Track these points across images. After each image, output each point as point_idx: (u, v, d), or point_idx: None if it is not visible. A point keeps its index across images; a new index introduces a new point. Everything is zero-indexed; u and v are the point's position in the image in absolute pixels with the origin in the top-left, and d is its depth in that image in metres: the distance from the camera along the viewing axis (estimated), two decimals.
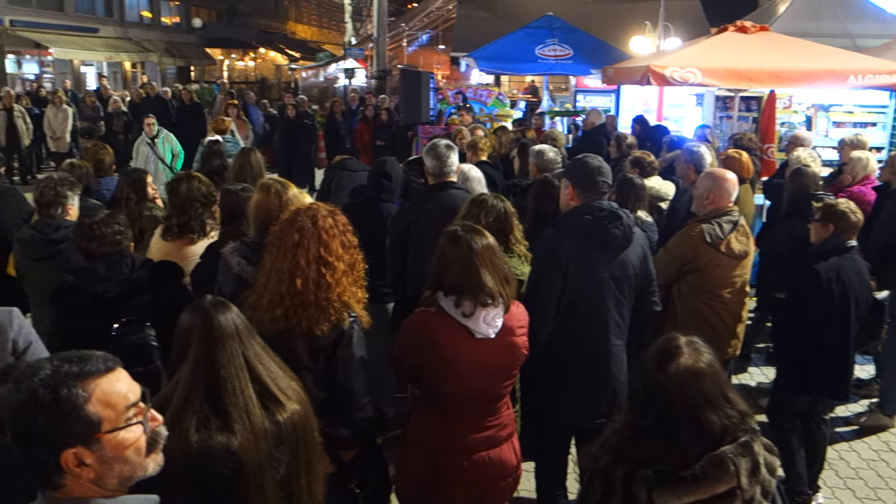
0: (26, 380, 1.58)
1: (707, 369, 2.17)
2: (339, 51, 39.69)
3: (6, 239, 5.16)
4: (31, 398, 1.56)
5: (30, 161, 16.10)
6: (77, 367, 1.62)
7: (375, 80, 22.07)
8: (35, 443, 1.57)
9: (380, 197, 5.32)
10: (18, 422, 1.57)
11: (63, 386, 1.58)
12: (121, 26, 34.40)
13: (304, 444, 2.38)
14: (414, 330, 3.12)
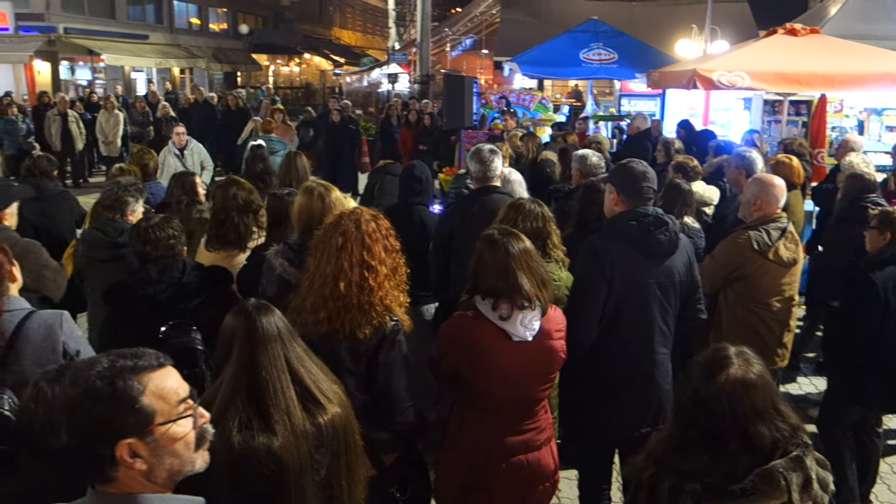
0: (83, 374, 1.64)
1: (758, 381, 2.11)
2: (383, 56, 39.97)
3: (60, 239, 5.30)
4: (89, 390, 1.62)
5: (82, 165, 16.50)
6: (131, 361, 1.68)
7: (418, 85, 22.17)
8: (92, 434, 1.62)
9: (411, 200, 5.34)
10: (76, 414, 1.62)
11: (119, 378, 1.64)
12: (170, 33, 35.11)
13: (344, 447, 2.39)
14: (452, 333, 3.14)
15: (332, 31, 54.25)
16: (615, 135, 12.91)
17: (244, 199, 4.58)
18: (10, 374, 2.86)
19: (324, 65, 48.25)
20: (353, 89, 32.96)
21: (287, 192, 4.50)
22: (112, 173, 5.85)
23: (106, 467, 1.65)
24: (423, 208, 5.39)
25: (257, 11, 44.70)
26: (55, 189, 5.81)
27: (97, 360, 1.68)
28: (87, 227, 4.55)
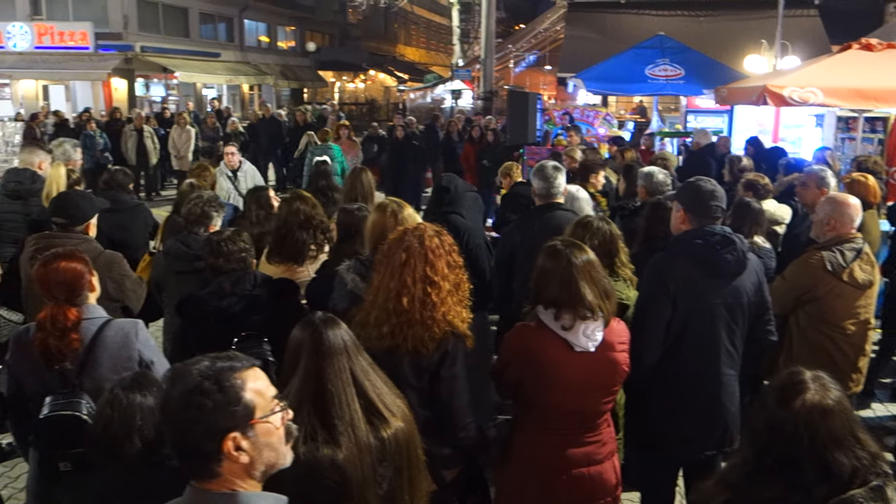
0: (183, 376, 1.73)
1: (835, 406, 2.03)
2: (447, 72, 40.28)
3: (135, 251, 5.48)
4: (196, 388, 1.71)
5: (155, 179, 17.03)
6: (227, 362, 1.78)
7: (482, 101, 22.25)
8: (201, 430, 1.70)
9: (441, 209, 5.36)
10: (186, 412, 1.70)
11: (223, 376, 1.74)
12: (240, 51, 36.09)
13: (407, 461, 2.41)
14: (514, 344, 3.15)
15: (396, 48, 54.94)
16: (681, 151, 12.72)
17: (306, 214, 4.64)
18: (88, 380, 2.98)
19: (388, 81, 48.88)
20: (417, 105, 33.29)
21: (357, 206, 4.56)
22: (183, 189, 6.02)
23: (212, 462, 1.73)
24: (456, 217, 5.39)
25: (324, 29, 45.62)
26: (131, 202, 6.00)
27: (194, 362, 1.77)
28: (171, 240, 4.66)
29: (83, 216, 4.48)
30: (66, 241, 4.28)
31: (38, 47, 27.05)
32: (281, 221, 4.68)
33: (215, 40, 34.61)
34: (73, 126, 17.69)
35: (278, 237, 4.62)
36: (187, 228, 4.55)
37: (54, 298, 2.98)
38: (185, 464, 1.76)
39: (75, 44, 26.97)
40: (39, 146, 6.42)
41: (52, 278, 2.99)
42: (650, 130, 14.07)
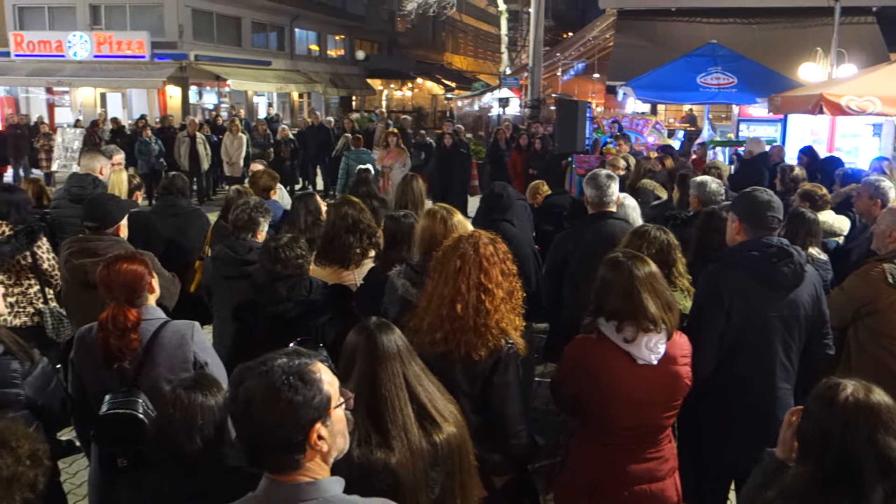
0: (263, 375, 1.77)
1: (881, 402, 2.00)
2: (494, 81, 40.30)
3: (191, 254, 5.60)
4: (284, 384, 1.76)
5: (207, 184, 17.38)
6: (299, 358, 1.84)
7: (529, 109, 22.21)
8: (291, 424, 1.76)
9: (493, 217, 5.36)
10: (272, 410, 1.75)
11: (304, 370, 1.80)
12: (290, 59, 36.63)
13: (459, 466, 2.42)
14: (574, 356, 3.13)
15: (444, 57, 55.17)
16: (732, 161, 12.53)
17: (354, 218, 4.70)
18: (145, 379, 3.06)
19: (435, 89, 49.08)
20: (464, 113, 33.41)
21: (403, 213, 4.60)
22: (230, 195, 6.14)
23: (298, 454, 1.79)
24: (507, 225, 5.38)
25: (373, 38, 46.05)
26: (189, 206, 6.14)
27: (266, 360, 1.81)
28: (219, 245, 4.75)
29: (113, 219, 4.60)
30: (98, 244, 4.42)
31: (96, 56, 27.82)
32: (329, 225, 4.75)
33: (266, 49, 35.19)
34: (130, 132, 18.15)
35: (326, 240, 4.69)
36: (234, 234, 4.62)
37: (115, 299, 3.07)
38: (271, 459, 1.81)
39: (132, 52, 27.66)
40: (101, 152, 6.60)
41: (113, 280, 3.09)
42: (701, 140, 13.88)
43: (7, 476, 1.74)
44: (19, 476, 1.77)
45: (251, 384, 1.77)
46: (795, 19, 19.31)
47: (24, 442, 1.84)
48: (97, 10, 29.27)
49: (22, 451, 1.81)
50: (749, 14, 20.28)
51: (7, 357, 3.01)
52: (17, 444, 1.81)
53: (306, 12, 36.82)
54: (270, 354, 1.83)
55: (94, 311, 4.15)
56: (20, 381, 3.02)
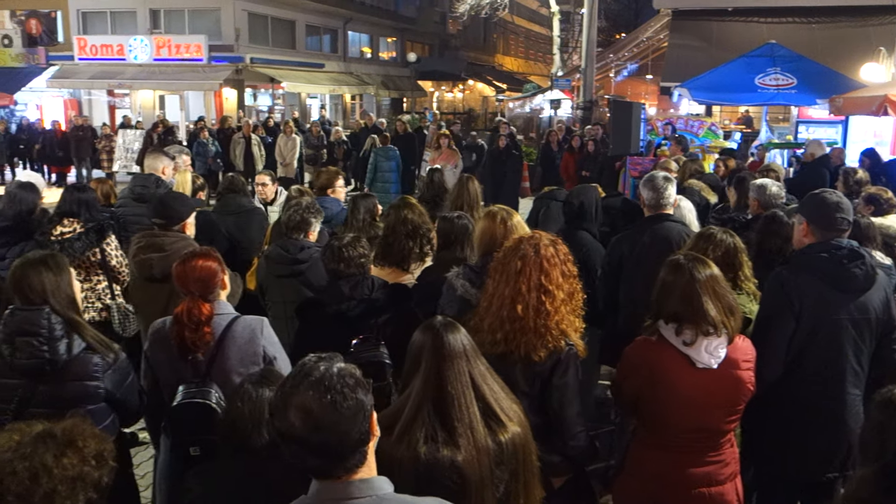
0: (318, 387, 1.82)
1: None
2: (545, 82, 40.09)
3: (251, 252, 5.73)
4: (346, 386, 1.84)
5: None
6: (339, 360, 1.90)
7: (581, 111, 22.07)
8: (360, 422, 1.84)
9: (572, 225, 5.34)
10: (347, 413, 1.82)
11: (353, 370, 1.88)
12: (343, 61, 37.01)
13: (523, 466, 2.44)
14: (634, 358, 3.13)
15: (495, 58, 55.10)
16: (792, 163, 12.28)
17: (414, 223, 4.73)
18: (217, 372, 3.16)
19: (486, 91, 49.05)
20: (515, 115, 33.27)
21: (457, 215, 4.63)
22: (291, 194, 6.24)
23: (363, 450, 1.87)
24: (585, 234, 5.37)
25: (425, 40, 46.26)
26: (249, 205, 6.28)
27: (310, 373, 1.86)
28: (272, 245, 4.84)
29: (179, 216, 4.71)
30: (164, 240, 4.54)
31: (156, 59, 28.50)
32: (389, 229, 4.79)
33: (320, 52, 35.61)
34: (188, 134, 18.54)
35: (385, 243, 4.73)
36: (287, 233, 4.69)
37: (190, 293, 3.17)
38: (347, 463, 1.85)
39: (190, 56, 28.27)
40: (164, 153, 6.78)
41: (189, 275, 3.19)
42: (759, 142, 13.62)
43: (72, 475, 1.77)
44: (84, 476, 1.80)
45: (307, 399, 1.80)
46: (857, 18, 18.79)
47: (91, 441, 1.86)
48: (157, 14, 30.00)
49: (88, 451, 1.83)
50: (809, 13, 19.81)
51: (88, 352, 3.13)
52: (84, 443, 1.84)
53: (359, 15, 37.17)
54: (311, 364, 1.87)
55: (158, 304, 4.31)
56: (101, 375, 3.15)
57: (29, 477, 1.69)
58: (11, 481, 1.68)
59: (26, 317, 3.06)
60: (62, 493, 1.71)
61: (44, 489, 1.70)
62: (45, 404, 3.04)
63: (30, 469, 1.70)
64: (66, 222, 5.22)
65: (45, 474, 1.71)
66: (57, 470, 1.73)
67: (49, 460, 1.73)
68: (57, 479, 1.72)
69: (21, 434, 1.78)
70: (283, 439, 1.84)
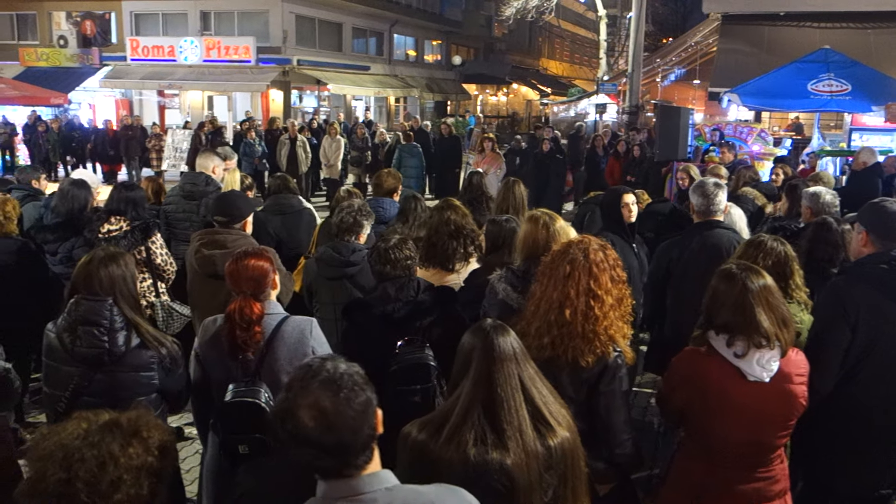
0: (328, 388, 1.84)
1: None
2: (590, 86, 39.85)
3: (298, 252, 5.78)
4: (355, 386, 1.85)
5: (305, 185, 17.82)
6: (334, 361, 1.93)
7: (627, 116, 21.88)
8: (370, 421, 1.86)
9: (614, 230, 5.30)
10: (354, 412, 1.83)
11: (352, 369, 1.92)
12: (388, 64, 37.24)
13: (571, 471, 2.42)
14: (682, 369, 3.06)
15: (539, 62, 54.97)
16: (845, 171, 12.00)
17: (457, 223, 4.74)
18: (267, 371, 3.19)
19: (530, 94, 48.95)
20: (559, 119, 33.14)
21: (506, 218, 4.62)
22: (340, 195, 6.29)
23: (374, 443, 1.90)
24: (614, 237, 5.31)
25: (470, 43, 46.35)
26: (298, 205, 6.34)
27: (317, 374, 1.87)
28: (322, 247, 4.87)
29: (241, 215, 4.78)
30: (226, 237, 4.61)
31: (205, 60, 29.03)
32: (432, 230, 4.81)
33: (366, 54, 35.89)
34: (235, 134, 18.80)
35: (429, 244, 4.74)
36: (338, 236, 4.70)
37: (242, 292, 3.21)
38: (359, 461, 1.86)
39: (239, 57, 28.74)
40: (216, 153, 6.88)
41: (241, 273, 3.23)
42: (811, 149, 13.35)
43: (136, 465, 1.80)
44: (148, 466, 1.82)
45: (319, 398, 1.80)
46: None
47: (155, 432, 1.89)
48: (207, 16, 30.55)
49: (152, 442, 1.86)
50: (863, 18, 19.37)
51: (142, 348, 3.23)
52: (148, 434, 1.87)
53: (405, 17, 37.39)
54: (316, 367, 1.88)
55: (217, 301, 4.37)
56: (155, 367, 3.25)
57: (97, 465, 1.73)
58: (80, 468, 1.72)
59: (91, 307, 3.15)
60: (127, 481, 1.75)
61: (110, 477, 1.73)
62: (100, 393, 3.14)
63: (97, 457, 1.74)
64: (113, 220, 5.33)
65: (112, 462, 1.75)
66: (123, 459, 1.77)
67: (116, 449, 1.77)
68: (123, 467, 1.76)
69: (89, 422, 1.82)
70: (295, 442, 1.81)
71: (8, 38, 32.60)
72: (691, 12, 34.68)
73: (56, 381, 3.23)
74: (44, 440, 1.80)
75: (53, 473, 1.72)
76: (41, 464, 1.74)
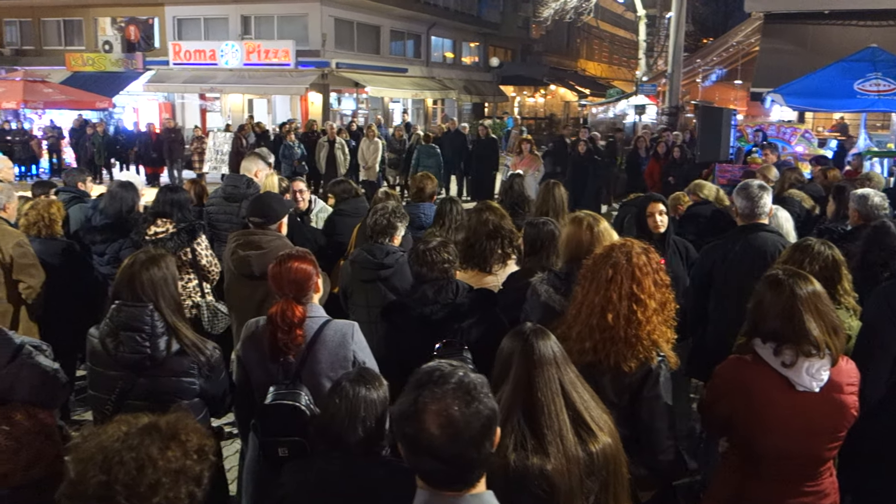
0: (459, 393, 1.80)
1: None
2: (629, 87, 39.49)
3: (340, 254, 5.81)
4: (481, 395, 1.82)
5: None
6: (463, 368, 1.90)
7: (666, 117, 21.65)
8: (494, 431, 1.83)
9: None
10: (492, 417, 1.81)
11: (479, 378, 1.87)
12: (426, 66, 37.32)
13: (613, 478, 2.39)
14: (726, 378, 2.97)
15: (577, 63, 54.63)
16: (893, 173, 11.71)
17: (495, 224, 4.73)
18: (307, 374, 3.20)
19: (568, 96, 48.68)
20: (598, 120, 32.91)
21: (543, 220, 4.58)
22: (378, 197, 6.31)
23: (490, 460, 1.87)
24: (678, 239, 5.25)
25: (507, 45, 46.25)
26: (364, 208, 6.38)
27: (446, 378, 1.84)
28: (357, 249, 4.88)
29: (276, 216, 4.82)
30: (261, 238, 4.66)
31: (246, 64, 29.38)
32: (470, 231, 4.80)
33: (403, 56, 36.01)
34: (273, 137, 19.01)
35: (467, 245, 4.74)
36: (372, 238, 4.71)
37: (284, 295, 3.22)
38: (478, 473, 1.82)
39: (278, 60, 29.03)
40: (262, 157, 6.95)
41: (284, 276, 3.24)
42: (856, 150, 13.05)
43: (175, 468, 1.80)
44: (186, 469, 1.83)
45: (448, 405, 1.75)
46: None
47: (193, 436, 1.89)
48: (248, 20, 30.93)
49: (190, 445, 1.87)
50: None
51: (182, 355, 3.25)
52: (187, 437, 1.87)
53: (443, 20, 37.42)
54: (444, 371, 1.83)
55: (253, 302, 4.41)
56: (195, 372, 3.27)
57: (136, 468, 1.75)
58: (119, 471, 1.73)
59: (132, 313, 3.18)
60: (166, 484, 1.76)
61: (149, 480, 1.75)
62: (144, 396, 3.17)
63: (136, 460, 1.75)
64: (159, 222, 5.41)
65: (151, 466, 1.76)
66: (161, 462, 1.78)
67: (154, 452, 1.78)
68: (161, 470, 1.77)
69: (128, 425, 1.84)
70: (414, 447, 1.77)
71: (55, 44, 33.39)
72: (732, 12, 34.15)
73: (100, 384, 3.28)
74: (85, 442, 1.82)
75: (93, 476, 1.74)
76: (82, 466, 1.76)
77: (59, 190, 7.10)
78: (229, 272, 4.76)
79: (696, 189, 7.73)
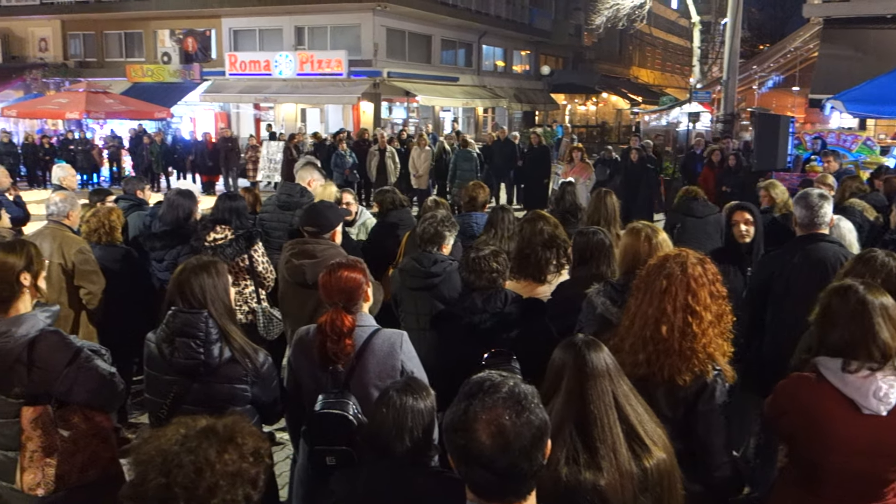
0: (512, 403, 1.76)
1: None
2: (682, 94, 38.91)
3: (386, 263, 5.84)
4: (533, 405, 1.79)
5: None
6: (514, 377, 1.87)
7: (721, 124, 21.27)
8: (546, 443, 1.80)
9: None
10: (544, 428, 1.79)
11: (530, 389, 1.84)
12: (477, 75, 37.38)
13: (668, 494, 2.34)
14: (788, 396, 2.85)
15: (630, 70, 54.11)
16: None
17: (549, 233, 4.68)
18: (356, 383, 3.21)
19: (620, 103, 48.23)
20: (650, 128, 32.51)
21: (593, 230, 4.52)
22: (427, 205, 6.32)
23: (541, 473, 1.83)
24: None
25: (559, 53, 46.06)
26: (411, 221, 6.41)
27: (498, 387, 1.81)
28: (406, 257, 4.90)
29: (330, 225, 4.86)
30: (315, 247, 4.70)
31: (299, 74, 29.85)
32: (524, 241, 4.76)
33: (454, 65, 36.15)
34: (328, 146, 19.24)
35: (521, 255, 4.70)
36: (421, 246, 4.71)
37: (334, 304, 3.24)
38: (522, 484, 1.79)
39: (331, 70, 29.43)
40: (317, 167, 7.02)
41: (334, 285, 3.26)
42: None
43: (231, 471, 1.82)
44: (242, 472, 1.84)
45: (500, 415, 1.73)
46: None
47: (249, 439, 1.90)
48: (301, 31, 31.43)
49: (246, 448, 1.88)
50: None
51: (235, 362, 3.27)
52: (243, 440, 1.88)
53: (494, 28, 37.47)
54: (495, 380, 1.80)
55: (307, 310, 4.45)
56: (248, 379, 3.29)
57: (194, 470, 1.77)
58: (178, 473, 1.76)
59: (187, 319, 3.23)
60: (223, 487, 1.78)
61: (207, 483, 1.77)
62: (198, 402, 3.21)
63: (195, 462, 1.77)
64: (218, 229, 5.50)
65: (209, 468, 1.78)
66: (219, 465, 1.80)
67: (212, 455, 1.80)
68: (219, 473, 1.79)
69: (187, 428, 1.86)
70: (465, 457, 1.75)
71: (116, 55, 34.44)
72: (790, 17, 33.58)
73: (156, 388, 3.33)
74: (144, 444, 1.85)
75: (153, 478, 1.76)
76: (142, 468, 1.79)
77: (118, 198, 7.28)
78: (284, 280, 4.82)
79: (769, 188, 7.57)
